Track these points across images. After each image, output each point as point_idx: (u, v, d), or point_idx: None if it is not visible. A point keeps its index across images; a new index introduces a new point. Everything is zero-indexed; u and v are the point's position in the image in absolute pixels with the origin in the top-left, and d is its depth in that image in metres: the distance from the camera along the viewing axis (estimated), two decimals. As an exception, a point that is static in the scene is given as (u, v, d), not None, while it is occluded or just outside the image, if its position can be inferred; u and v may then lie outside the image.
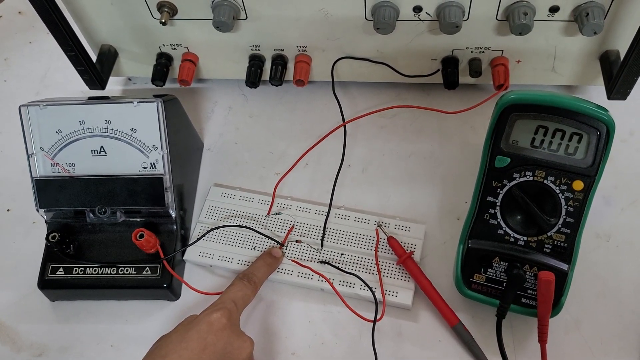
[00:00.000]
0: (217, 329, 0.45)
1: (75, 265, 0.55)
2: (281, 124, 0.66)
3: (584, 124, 0.47)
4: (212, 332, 0.44)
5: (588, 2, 0.52)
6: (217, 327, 0.45)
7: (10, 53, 0.75)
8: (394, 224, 0.57)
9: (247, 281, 0.51)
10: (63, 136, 0.54)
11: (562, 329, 0.52)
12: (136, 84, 0.71)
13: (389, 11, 0.54)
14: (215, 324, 0.45)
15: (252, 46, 0.62)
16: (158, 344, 0.45)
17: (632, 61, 0.52)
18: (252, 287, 0.51)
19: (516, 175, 0.49)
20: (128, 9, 0.58)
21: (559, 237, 0.49)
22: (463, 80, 0.62)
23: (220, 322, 0.45)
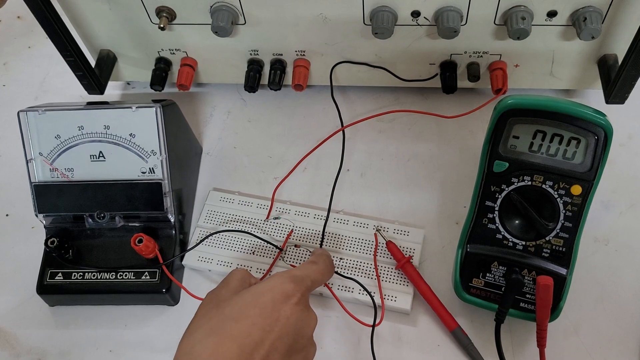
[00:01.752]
0: (292, 303, 0.42)
1: (74, 271, 0.55)
2: (280, 128, 0.66)
3: (581, 128, 0.47)
4: (288, 304, 0.41)
5: (586, 6, 0.52)
6: (293, 301, 0.42)
7: (9, 58, 0.75)
8: (393, 229, 0.57)
9: (330, 266, 0.49)
10: (62, 141, 0.55)
11: (560, 333, 0.52)
12: (135, 89, 0.71)
13: (387, 16, 0.54)
14: (291, 298, 0.42)
15: (250, 51, 0.62)
16: (224, 301, 0.42)
17: (629, 65, 0.52)
18: (330, 275, 0.49)
19: (514, 180, 0.49)
20: (127, 14, 0.58)
21: (557, 241, 0.49)
22: (461, 84, 0.62)
23: (296, 296, 0.42)
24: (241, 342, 0.38)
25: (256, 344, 0.39)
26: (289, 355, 0.41)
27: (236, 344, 0.38)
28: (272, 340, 0.39)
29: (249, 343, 0.38)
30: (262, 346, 0.39)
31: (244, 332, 0.39)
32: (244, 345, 0.38)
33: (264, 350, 0.39)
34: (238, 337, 0.38)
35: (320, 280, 0.47)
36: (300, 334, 0.42)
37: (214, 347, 0.38)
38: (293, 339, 0.41)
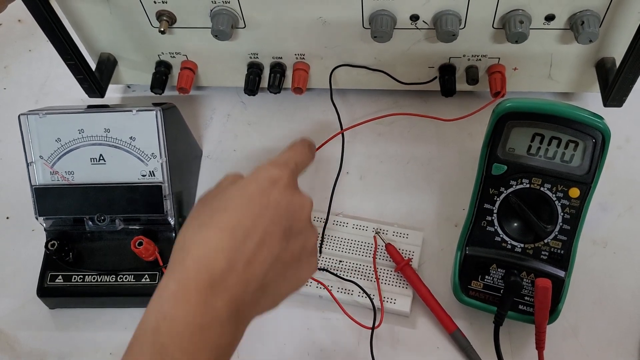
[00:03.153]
0: (280, 186, 0.40)
1: (74, 273, 0.55)
2: (279, 131, 0.66)
3: (579, 131, 0.47)
4: (276, 188, 0.40)
5: (583, 10, 0.52)
6: (281, 185, 0.40)
7: (9, 61, 0.75)
8: (392, 231, 0.57)
9: (308, 147, 0.48)
10: (62, 145, 0.55)
11: (559, 335, 0.52)
12: (135, 92, 0.71)
13: (386, 20, 0.54)
14: (278, 181, 0.40)
15: (250, 54, 0.62)
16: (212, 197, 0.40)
17: (627, 69, 0.52)
18: (312, 155, 0.48)
19: (513, 183, 0.49)
20: (127, 17, 0.58)
21: (555, 244, 0.49)
22: (460, 87, 0.62)
23: (283, 180, 0.40)
24: (232, 230, 0.37)
25: (248, 231, 0.37)
26: (286, 239, 0.39)
27: (227, 233, 0.37)
28: (265, 226, 0.38)
29: (240, 230, 0.37)
30: (254, 232, 0.37)
31: (233, 221, 0.38)
32: (235, 233, 0.37)
33: (257, 236, 0.37)
34: (228, 226, 0.37)
35: (303, 161, 0.46)
36: (295, 217, 0.40)
37: (205, 238, 0.37)
38: (287, 223, 0.39)
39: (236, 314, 0.36)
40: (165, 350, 0.34)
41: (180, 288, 0.35)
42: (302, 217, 0.41)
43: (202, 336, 0.35)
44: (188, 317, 0.34)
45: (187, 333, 0.34)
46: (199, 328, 0.34)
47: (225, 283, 0.36)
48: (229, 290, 0.36)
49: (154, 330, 0.34)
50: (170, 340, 0.34)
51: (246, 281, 0.37)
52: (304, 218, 0.41)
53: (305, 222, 0.42)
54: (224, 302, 0.35)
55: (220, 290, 0.35)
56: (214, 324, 0.35)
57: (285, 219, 0.39)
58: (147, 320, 0.35)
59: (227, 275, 0.36)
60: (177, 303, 0.35)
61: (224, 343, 0.36)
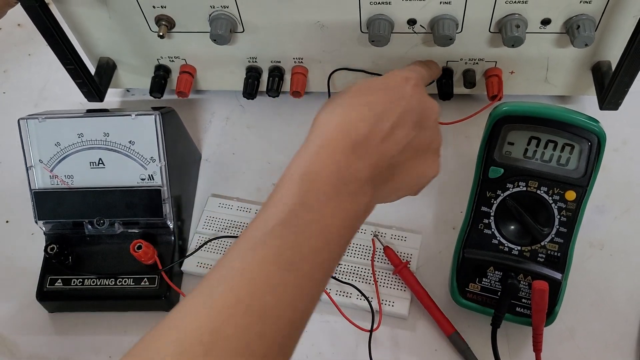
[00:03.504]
0: (412, 84, 0.43)
1: (73, 277, 0.55)
2: (278, 134, 0.67)
3: (575, 135, 0.47)
4: (408, 84, 0.43)
5: (579, 14, 0.53)
6: (413, 83, 0.43)
7: (9, 65, 0.75)
8: (390, 234, 0.58)
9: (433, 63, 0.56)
10: (62, 149, 0.55)
11: (556, 337, 0.53)
12: (134, 96, 0.71)
13: (383, 24, 0.55)
14: (410, 80, 0.43)
15: (249, 58, 0.62)
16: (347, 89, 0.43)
17: (622, 72, 0.52)
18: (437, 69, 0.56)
19: (510, 186, 0.49)
20: (126, 22, 0.59)
21: (552, 246, 0.49)
22: (457, 90, 0.63)
23: (414, 80, 0.43)
24: (371, 107, 0.40)
25: (385, 111, 0.40)
26: (418, 129, 0.42)
27: (366, 109, 0.40)
28: (399, 112, 0.41)
29: (379, 109, 0.40)
30: (390, 114, 0.40)
31: (373, 101, 0.41)
32: (374, 110, 0.40)
33: (392, 118, 0.40)
34: (367, 104, 0.40)
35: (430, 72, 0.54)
36: (424, 114, 0.43)
37: (346, 111, 0.40)
38: (418, 117, 0.42)
39: (372, 182, 0.39)
40: (309, 193, 0.36)
41: (324, 147, 0.38)
42: (431, 115, 0.44)
43: (344, 188, 0.37)
44: (332, 169, 0.37)
45: (331, 182, 0.37)
46: (341, 181, 0.37)
47: (366, 148, 0.38)
48: (368, 155, 0.38)
49: (301, 174, 0.37)
50: (314, 185, 0.36)
51: (383, 153, 0.39)
52: (432, 117, 0.44)
53: (434, 121, 0.44)
54: (364, 165, 0.38)
55: (361, 154, 0.38)
56: (355, 182, 0.37)
57: (417, 112, 0.42)
58: (290, 171, 0.37)
59: (367, 142, 0.39)
60: (321, 157, 0.37)
61: (361, 203, 0.38)
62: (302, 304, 0.35)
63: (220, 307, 0.32)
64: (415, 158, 0.42)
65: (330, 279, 0.55)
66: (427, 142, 0.43)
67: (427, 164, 0.44)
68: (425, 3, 0.53)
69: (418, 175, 0.43)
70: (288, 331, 0.34)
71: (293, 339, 0.35)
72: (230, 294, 0.33)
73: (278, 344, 0.33)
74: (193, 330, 0.32)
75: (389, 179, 0.41)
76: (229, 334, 0.31)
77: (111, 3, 0.57)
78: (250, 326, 0.32)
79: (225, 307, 0.32)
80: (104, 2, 0.57)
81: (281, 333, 0.33)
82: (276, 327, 0.33)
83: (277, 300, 0.33)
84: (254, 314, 0.32)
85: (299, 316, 0.35)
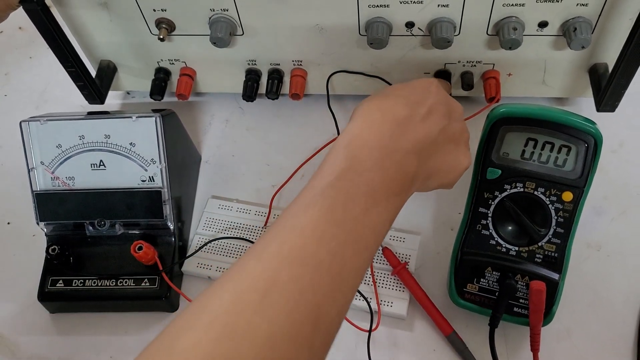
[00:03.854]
0: (436, 85, 0.46)
1: (74, 278, 0.56)
2: (277, 136, 0.67)
3: (572, 136, 0.48)
4: (433, 85, 0.46)
5: (576, 17, 0.53)
6: (436, 84, 0.46)
7: (10, 68, 0.76)
8: (389, 235, 0.58)
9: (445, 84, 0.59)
10: (63, 150, 0.55)
11: (554, 337, 0.53)
12: (135, 98, 0.72)
13: (382, 27, 0.55)
14: (434, 82, 0.46)
15: (248, 61, 0.63)
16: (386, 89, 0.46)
17: (619, 74, 0.53)
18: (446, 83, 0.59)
19: (507, 187, 0.50)
20: (127, 25, 0.59)
21: (549, 247, 0.50)
22: (456, 92, 0.63)
23: (436, 82, 0.46)
24: (406, 97, 0.43)
25: (419, 101, 0.43)
26: (450, 120, 0.45)
27: (402, 99, 0.43)
28: (432, 103, 0.44)
29: (413, 99, 0.43)
30: (424, 102, 0.43)
31: (406, 94, 0.44)
32: (409, 99, 0.43)
33: (427, 105, 0.43)
34: (403, 96, 0.43)
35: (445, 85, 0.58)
36: (452, 109, 0.46)
37: (383, 102, 0.42)
38: (448, 110, 0.45)
39: (417, 155, 0.41)
40: (357, 159, 0.38)
41: (367, 123, 0.41)
42: (458, 109, 0.47)
43: (390, 156, 0.39)
44: (377, 137, 0.40)
45: (377, 149, 0.39)
46: (386, 149, 0.39)
47: (407, 125, 0.41)
48: (411, 131, 0.41)
49: (347, 144, 0.39)
50: (361, 152, 0.39)
51: (425, 130, 0.42)
52: (459, 111, 0.47)
53: (460, 114, 0.47)
54: (408, 138, 0.41)
55: (404, 129, 0.41)
56: (399, 151, 0.40)
57: (445, 105, 0.45)
58: (335, 145, 0.40)
59: (408, 121, 0.41)
60: (365, 130, 0.40)
61: (407, 172, 0.40)
62: (354, 260, 0.36)
63: (274, 259, 0.34)
64: (450, 143, 0.45)
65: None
66: (458, 132, 0.46)
67: (461, 151, 0.46)
68: (423, 6, 0.54)
69: (454, 160, 0.45)
70: (340, 285, 0.35)
71: (345, 294, 0.35)
72: (284, 246, 0.34)
73: (332, 297, 0.34)
74: (248, 280, 0.33)
75: (432, 155, 0.43)
76: (283, 280, 0.32)
77: (112, 6, 0.57)
78: (303, 276, 0.33)
79: (278, 258, 0.34)
80: (105, 6, 0.57)
81: (335, 286, 0.34)
82: (329, 279, 0.34)
83: (328, 254, 0.34)
84: (307, 265, 0.33)
85: (352, 273, 0.36)
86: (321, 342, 0.34)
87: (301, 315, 0.32)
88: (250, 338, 0.30)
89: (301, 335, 0.32)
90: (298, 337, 0.32)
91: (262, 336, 0.31)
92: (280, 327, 0.31)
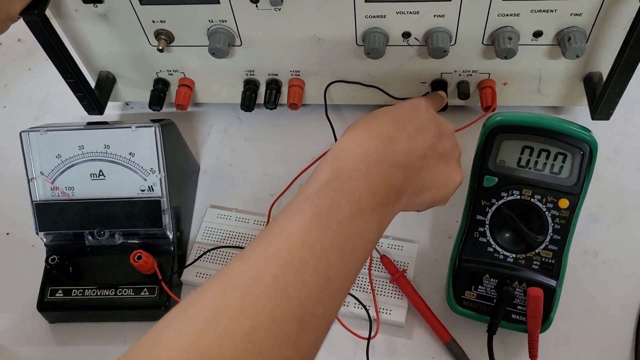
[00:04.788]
0: (424, 105, 0.47)
1: (74, 288, 0.56)
2: (276, 146, 0.67)
3: (567, 144, 0.48)
4: (422, 104, 0.46)
5: (570, 27, 0.54)
6: (424, 105, 0.47)
7: (9, 79, 0.76)
8: (387, 243, 0.58)
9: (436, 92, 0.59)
10: (63, 161, 0.56)
11: (552, 344, 0.53)
12: (134, 109, 0.72)
13: (378, 37, 0.56)
14: (422, 102, 0.47)
15: (246, 71, 0.63)
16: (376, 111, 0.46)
17: (613, 83, 0.53)
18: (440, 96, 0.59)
19: (504, 194, 0.50)
20: (126, 36, 0.60)
21: (546, 253, 0.50)
22: (452, 102, 0.64)
23: (424, 103, 0.47)
24: (394, 118, 0.44)
25: (407, 120, 0.44)
26: (439, 137, 0.45)
27: (390, 118, 0.44)
28: (421, 121, 0.45)
29: (401, 118, 0.44)
30: (413, 121, 0.44)
31: (394, 114, 0.45)
32: (397, 119, 0.44)
33: (415, 124, 0.44)
34: (391, 116, 0.44)
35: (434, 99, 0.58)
36: (441, 127, 0.46)
37: (371, 122, 0.43)
38: (438, 127, 0.46)
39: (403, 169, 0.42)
40: (342, 169, 0.39)
41: (354, 140, 0.42)
42: (448, 127, 0.47)
43: (376, 167, 0.40)
44: (362, 149, 0.41)
45: (363, 160, 0.40)
46: (372, 160, 0.40)
47: (394, 141, 0.42)
48: (398, 145, 0.42)
49: (333, 156, 0.40)
50: (347, 162, 0.40)
51: (411, 146, 0.43)
52: (449, 129, 0.48)
53: (451, 132, 0.48)
54: (395, 150, 0.42)
55: (390, 144, 0.42)
56: (385, 162, 0.41)
57: (435, 123, 0.46)
58: (326, 155, 0.41)
59: (395, 137, 0.42)
60: (354, 143, 0.41)
61: (392, 185, 0.41)
62: (340, 263, 0.36)
63: (259, 260, 0.35)
64: (440, 160, 0.45)
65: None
66: (449, 149, 0.46)
67: (452, 168, 0.47)
68: (419, 16, 0.54)
69: (445, 177, 0.46)
70: (326, 286, 0.35)
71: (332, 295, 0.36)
72: (269, 249, 0.35)
73: (317, 297, 0.35)
74: (233, 280, 0.34)
75: (420, 170, 0.43)
76: (267, 280, 0.33)
77: (111, 18, 0.58)
78: (286, 275, 0.34)
79: (263, 260, 0.35)
80: (104, 17, 0.58)
81: (320, 287, 0.35)
82: (314, 279, 0.35)
83: (312, 256, 0.35)
84: (291, 266, 0.34)
85: (338, 275, 0.36)
86: (308, 341, 0.34)
87: (284, 312, 0.33)
88: (230, 333, 0.31)
89: (284, 331, 0.33)
90: (280, 333, 0.33)
91: (243, 330, 0.32)
92: (261, 323, 0.32)
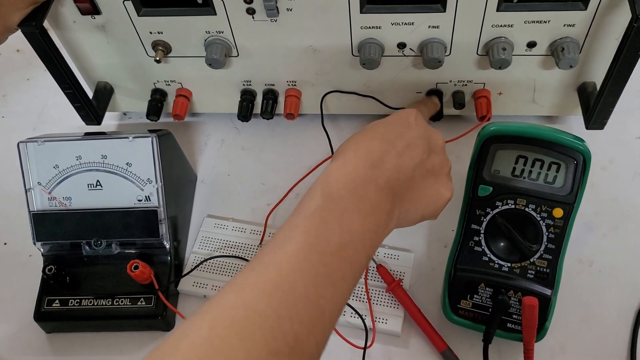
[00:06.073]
0: (414, 118, 0.46)
1: (71, 298, 0.56)
2: (272, 156, 0.68)
3: (561, 153, 0.49)
4: (411, 117, 0.46)
5: (563, 37, 0.54)
6: (414, 117, 0.46)
7: (7, 90, 0.77)
8: (383, 253, 0.58)
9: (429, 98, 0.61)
10: (60, 171, 0.56)
11: (547, 353, 0.53)
12: (131, 119, 0.72)
13: (374, 48, 0.56)
14: (412, 114, 0.47)
15: (243, 81, 0.64)
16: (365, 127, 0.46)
17: (607, 92, 0.54)
18: (433, 102, 0.61)
19: (499, 204, 0.51)
20: (124, 47, 0.60)
21: (541, 262, 0.50)
22: (447, 111, 0.64)
23: (415, 114, 0.47)
24: (383, 134, 0.44)
25: (396, 136, 0.44)
26: (429, 153, 0.45)
27: (379, 135, 0.44)
28: (410, 137, 0.44)
29: (391, 135, 0.44)
30: (402, 138, 0.44)
31: (383, 132, 0.44)
32: (386, 136, 0.44)
33: (404, 141, 0.44)
34: (380, 134, 0.44)
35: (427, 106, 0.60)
36: (432, 140, 0.46)
37: (360, 140, 0.44)
38: (428, 143, 0.46)
39: (391, 191, 0.42)
40: (330, 197, 0.39)
41: (342, 162, 0.42)
42: (438, 142, 0.47)
43: (365, 187, 0.40)
44: (351, 177, 0.41)
45: (351, 181, 0.40)
46: (360, 185, 0.40)
47: (382, 162, 0.42)
48: (386, 167, 0.42)
49: (322, 181, 0.41)
50: (337, 185, 0.40)
51: (399, 166, 0.42)
52: (439, 144, 0.47)
53: (441, 147, 0.47)
54: (382, 173, 0.41)
55: (378, 166, 0.41)
56: (373, 187, 0.41)
57: (424, 138, 0.45)
58: (313, 186, 0.41)
59: (383, 157, 0.42)
60: (340, 170, 0.41)
61: (381, 209, 0.41)
62: (330, 292, 0.36)
63: (253, 290, 0.35)
64: (429, 177, 0.45)
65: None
66: (438, 164, 0.46)
67: (442, 184, 0.46)
68: (414, 27, 0.55)
69: (434, 194, 0.46)
70: (318, 315, 0.35)
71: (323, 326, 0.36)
72: (260, 279, 0.35)
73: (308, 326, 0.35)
74: (227, 309, 0.34)
75: (409, 190, 0.43)
76: (260, 312, 0.33)
77: (109, 29, 0.58)
78: (280, 307, 0.34)
79: (257, 290, 0.35)
80: (102, 29, 0.58)
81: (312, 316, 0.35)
82: (307, 310, 0.35)
83: (305, 286, 0.35)
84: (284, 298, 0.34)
85: (327, 305, 0.36)
86: None
87: (278, 343, 0.33)
88: None
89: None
90: None
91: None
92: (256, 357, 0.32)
